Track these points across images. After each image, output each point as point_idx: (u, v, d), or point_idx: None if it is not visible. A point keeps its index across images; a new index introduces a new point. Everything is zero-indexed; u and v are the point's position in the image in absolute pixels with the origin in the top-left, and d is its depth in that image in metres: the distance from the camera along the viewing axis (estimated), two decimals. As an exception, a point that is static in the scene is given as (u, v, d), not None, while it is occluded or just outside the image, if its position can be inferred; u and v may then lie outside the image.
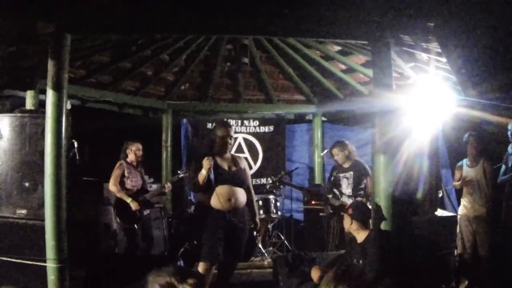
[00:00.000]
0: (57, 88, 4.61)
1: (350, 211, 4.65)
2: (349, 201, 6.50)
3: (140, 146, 6.76)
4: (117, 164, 6.64)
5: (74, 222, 5.43)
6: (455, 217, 6.25)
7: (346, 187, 6.77)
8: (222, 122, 6.11)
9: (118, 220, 6.54)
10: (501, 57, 5.17)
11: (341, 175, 6.85)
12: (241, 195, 5.13)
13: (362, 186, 6.70)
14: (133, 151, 6.70)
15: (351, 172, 6.77)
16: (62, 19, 4.59)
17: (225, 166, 5.17)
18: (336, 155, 6.87)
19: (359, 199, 6.48)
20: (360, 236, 4.58)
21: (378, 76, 5.10)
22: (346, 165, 6.85)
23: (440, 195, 7.46)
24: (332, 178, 6.97)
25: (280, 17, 5.05)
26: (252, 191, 5.47)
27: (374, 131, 5.19)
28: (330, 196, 6.80)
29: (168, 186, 6.85)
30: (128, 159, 6.71)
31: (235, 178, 5.15)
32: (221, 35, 6.81)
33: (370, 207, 5.04)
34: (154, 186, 7.46)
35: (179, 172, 7.01)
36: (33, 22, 4.43)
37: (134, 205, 6.45)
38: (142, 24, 5.07)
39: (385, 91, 4.96)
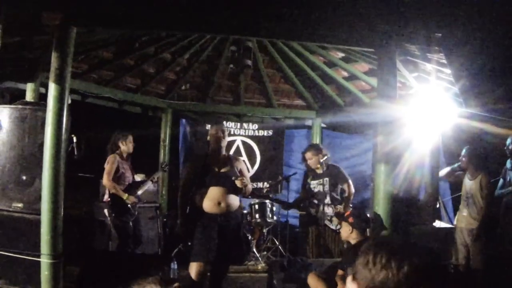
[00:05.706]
0: (60, 81, 4.56)
1: (350, 219, 4.57)
2: (329, 210, 6.35)
3: (132, 138, 6.53)
4: (111, 159, 6.34)
5: (69, 218, 5.37)
6: (453, 228, 6.22)
7: (323, 195, 6.47)
8: (216, 123, 6.05)
9: (113, 215, 6.41)
10: (503, 68, 5.18)
11: (315, 182, 6.57)
12: (233, 199, 5.01)
13: (338, 191, 6.50)
14: (127, 143, 6.45)
15: (327, 179, 6.49)
16: (68, 10, 4.54)
17: (216, 167, 5.05)
18: (310, 158, 6.56)
19: (338, 206, 6.34)
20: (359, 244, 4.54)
21: (382, 85, 5.09)
22: (319, 171, 6.57)
23: (437, 206, 7.46)
24: (307, 186, 6.70)
25: (285, 19, 5.04)
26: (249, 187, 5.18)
27: (376, 141, 5.16)
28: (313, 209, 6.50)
29: (155, 180, 6.81)
30: (119, 151, 6.45)
31: (226, 179, 4.98)
32: (225, 35, 6.77)
33: (368, 215, 5.00)
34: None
35: (162, 166, 7.02)
36: (39, 12, 4.38)
37: (131, 200, 6.29)
38: (147, 20, 5.05)
39: (388, 101, 4.94)
